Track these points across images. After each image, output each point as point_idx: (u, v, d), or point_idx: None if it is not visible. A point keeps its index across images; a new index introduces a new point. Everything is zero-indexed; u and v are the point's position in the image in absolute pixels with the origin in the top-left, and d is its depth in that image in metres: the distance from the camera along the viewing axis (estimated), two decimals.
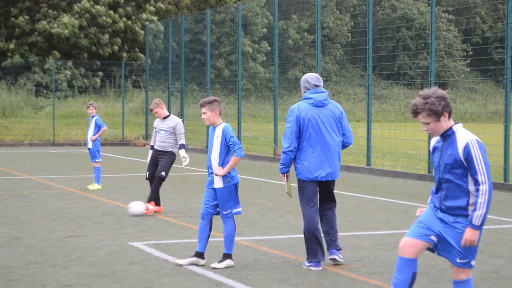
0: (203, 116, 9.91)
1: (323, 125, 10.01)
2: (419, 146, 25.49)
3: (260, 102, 49.49)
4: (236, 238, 11.84)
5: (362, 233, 12.74)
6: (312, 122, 9.96)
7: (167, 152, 14.95)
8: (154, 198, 14.79)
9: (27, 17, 49.00)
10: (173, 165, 15.53)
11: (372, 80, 26.06)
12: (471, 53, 59.01)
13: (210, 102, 9.85)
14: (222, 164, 9.78)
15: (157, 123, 15.19)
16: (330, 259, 10.07)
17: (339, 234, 12.47)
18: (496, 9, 59.44)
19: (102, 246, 11.27)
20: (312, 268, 9.81)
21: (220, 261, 9.83)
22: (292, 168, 10.15)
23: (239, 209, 9.93)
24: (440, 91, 6.45)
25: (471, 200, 6.44)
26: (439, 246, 6.61)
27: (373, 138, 25.68)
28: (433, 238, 6.58)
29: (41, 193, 18.14)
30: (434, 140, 6.72)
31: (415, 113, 6.51)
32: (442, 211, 6.57)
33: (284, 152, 9.96)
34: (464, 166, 6.42)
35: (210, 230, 9.98)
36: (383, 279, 9.23)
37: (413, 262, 6.64)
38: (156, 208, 14.82)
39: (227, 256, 9.85)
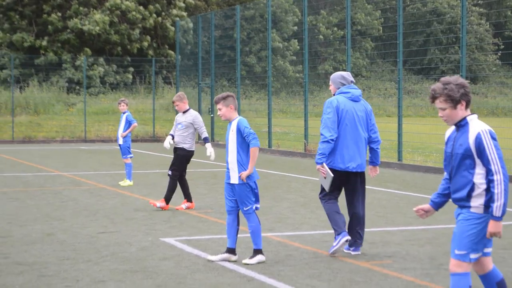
0: (219, 113, 9.99)
1: (358, 119, 10.38)
2: None
3: (290, 98, 49.47)
4: (267, 234, 11.87)
5: (394, 229, 12.70)
6: (349, 115, 10.30)
7: (178, 148, 14.93)
8: (168, 198, 14.77)
9: (59, 14, 49.31)
10: (203, 161, 15.53)
11: (403, 74, 25.97)
12: (502, 47, 58.57)
13: (224, 98, 9.90)
14: (241, 157, 9.79)
15: (177, 117, 15.19)
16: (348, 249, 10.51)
17: (371, 229, 12.46)
18: None
19: (134, 242, 11.33)
20: (341, 239, 10.19)
21: (252, 257, 9.85)
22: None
23: (258, 205, 9.92)
24: (461, 80, 6.42)
25: (475, 192, 6.36)
26: None
27: (404, 133, 25.55)
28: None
29: (73, 190, 18.26)
30: (450, 130, 6.68)
31: (433, 98, 6.49)
32: (454, 202, 6.58)
33: (325, 142, 10.14)
34: (473, 157, 6.35)
35: (238, 224, 10.02)
36: (415, 275, 9.20)
37: (489, 275, 6.64)
38: (188, 204, 14.87)
39: (257, 251, 9.87)
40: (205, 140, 15.09)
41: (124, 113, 19.29)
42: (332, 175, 10.15)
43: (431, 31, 61.49)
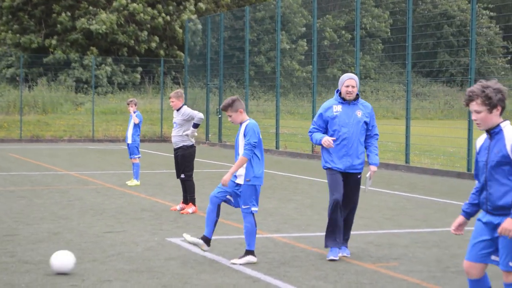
0: (229, 119, 10.06)
1: None
2: (458, 144, 25.28)
3: (298, 99, 49.45)
4: (273, 235, 11.86)
5: (401, 231, 12.67)
6: None
7: (178, 148, 14.82)
8: (192, 200, 14.68)
9: (69, 14, 49.40)
10: (210, 161, 15.50)
11: (411, 77, 25.90)
12: (511, 50, 58.45)
13: (230, 105, 9.92)
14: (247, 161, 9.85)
15: (174, 115, 15.11)
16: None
17: (378, 231, 12.44)
18: None
19: (140, 242, 11.32)
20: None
21: (241, 257, 9.86)
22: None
23: (256, 209, 9.94)
24: (500, 85, 6.36)
25: None
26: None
27: (411, 136, 25.51)
28: (494, 258, 6.49)
29: (80, 189, 18.27)
30: (481, 139, 6.60)
31: (470, 99, 6.40)
32: (488, 212, 6.49)
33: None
34: None
35: (217, 216, 10.10)
36: (421, 277, 9.17)
37: (483, 280, 6.60)
38: (183, 206, 14.70)
39: (248, 252, 9.89)
40: (194, 125, 14.81)
41: (134, 112, 19.27)
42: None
43: (441, 34, 61.42)
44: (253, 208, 9.89)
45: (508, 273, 6.41)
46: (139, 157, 19.29)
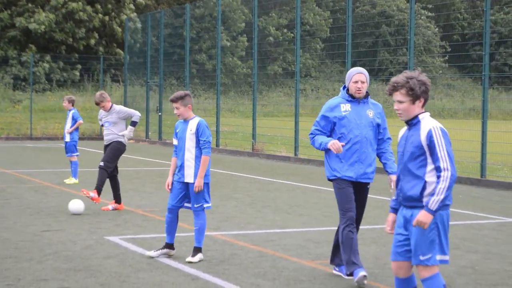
0: (176, 112, 9.97)
1: None
2: (394, 140, 25.48)
3: (239, 97, 49.43)
4: (213, 233, 11.84)
5: None
6: None
7: (111, 143, 14.71)
8: (99, 188, 14.42)
9: (8, 11, 48.69)
10: (150, 159, 15.41)
11: None
12: (449, 49, 59.24)
13: (182, 98, 9.88)
14: (196, 158, 9.84)
15: (101, 115, 14.95)
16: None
17: (317, 229, 12.51)
18: (475, 6, 59.68)
19: (78, 241, 11.20)
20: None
21: (194, 255, 9.84)
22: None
23: (209, 204, 9.98)
24: (424, 76, 6.38)
25: (427, 191, 6.31)
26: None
27: None
28: (422, 258, 6.47)
29: (18, 187, 18.02)
30: (402, 130, 6.64)
31: (394, 89, 6.42)
32: (402, 204, 6.50)
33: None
34: (425, 154, 6.32)
35: (177, 221, 10.12)
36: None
37: (409, 280, 6.61)
38: (116, 205, 14.59)
39: (198, 249, 9.89)
40: (132, 123, 14.76)
41: (70, 110, 19.12)
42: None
43: (380, 33, 61.94)
44: (206, 205, 9.91)
45: (422, 268, 6.38)
46: (77, 155, 19.12)
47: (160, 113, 37.09)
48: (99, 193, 14.38)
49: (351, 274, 8.80)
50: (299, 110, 27.86)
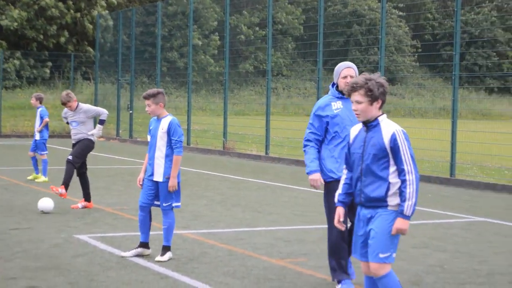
0: (147, 109, 9.94)
1: None
2: None
3: (210, 96, 49.40)
4: (182, 231, 11.82)
5: (310, 227, 12.78)
6: None
7: (80, 140, 14.65)
8: (66, 182, 14.37)
9: None
10: (121, 157, 15.35)
11: (323, 74, 26.13)
12: (420, 49, 59.57)
13: (154, 95, 9.85)
14: (166, 157, 9.82)
15: (67, 114, 14.88)
16: None
17: (287, 227, 12.52)
18: (446, 6, 60.05)
19: (47, 239, 11.14)
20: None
21: (163, 254, 9.81)
22: None
23: (179, 204, 9.95)
24: (382, 79, 6.48)
25: (391, 191, 6.38)
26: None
27: None
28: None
29: None
30: (356, 129, 6.66)
31: (353, 89, 6.49)
32: (361, 204, 6.53)
33: None
34: (388, 157, 6.40)
35: (150, 220, 10.10)
36: (329, 273, 9.23)
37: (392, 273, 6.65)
38: (86, 203, 14.52)
39: (167, 248, 9.87)
40: (101, 122, 14.74)
41: (38, 108, 19.02)
42: None
43: (352, 32, 62.17)
44: (175, 204, 9.89)
45: (378, 266, 6.40)
46: (46, 153, 19.02)
47: (131, 111, 36.96)
48: (66, 187, 14.33)
49: (335, 282, 8.65)
50: (270, 108, 27.89)
